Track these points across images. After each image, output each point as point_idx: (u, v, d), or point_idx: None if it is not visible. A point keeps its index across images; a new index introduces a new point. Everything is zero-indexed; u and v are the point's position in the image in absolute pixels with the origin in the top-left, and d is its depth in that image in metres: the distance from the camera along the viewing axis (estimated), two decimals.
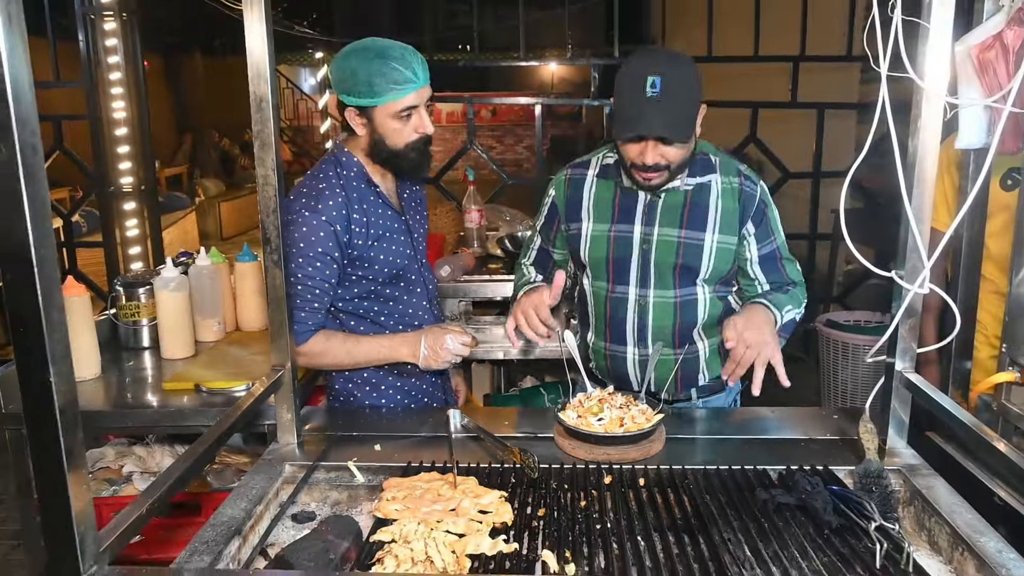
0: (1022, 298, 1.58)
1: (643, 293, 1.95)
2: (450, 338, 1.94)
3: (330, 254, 1.89)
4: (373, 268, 1.97)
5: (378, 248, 1.96)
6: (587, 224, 1.97)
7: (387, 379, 2.09)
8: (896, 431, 1.65)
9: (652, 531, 1.36)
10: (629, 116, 1.73)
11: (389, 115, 1.85)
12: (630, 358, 2.00)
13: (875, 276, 1.64)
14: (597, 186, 1.98)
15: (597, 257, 1.97)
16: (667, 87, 1.67)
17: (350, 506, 1.60)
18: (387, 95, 1.82)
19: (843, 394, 3.95)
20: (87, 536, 0.98)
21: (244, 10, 1.51)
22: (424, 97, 1.87)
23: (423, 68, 1.85)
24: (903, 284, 1.53)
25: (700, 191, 1.89)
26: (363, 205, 1.95)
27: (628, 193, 1.93)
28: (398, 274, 2.03)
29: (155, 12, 7.90)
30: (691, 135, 1.78)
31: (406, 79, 1.81)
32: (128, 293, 2.49)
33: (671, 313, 1.95)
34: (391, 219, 2.01)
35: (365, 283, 1.99)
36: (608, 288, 1.98)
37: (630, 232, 1.92)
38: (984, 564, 1.24)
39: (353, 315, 2.04)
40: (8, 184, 0.84)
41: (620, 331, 1.99)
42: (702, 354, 2.01)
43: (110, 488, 2.25)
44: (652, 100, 1.68)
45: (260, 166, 1.58)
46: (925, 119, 1.49)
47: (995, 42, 1.46)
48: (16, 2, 0.83)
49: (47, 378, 0.91)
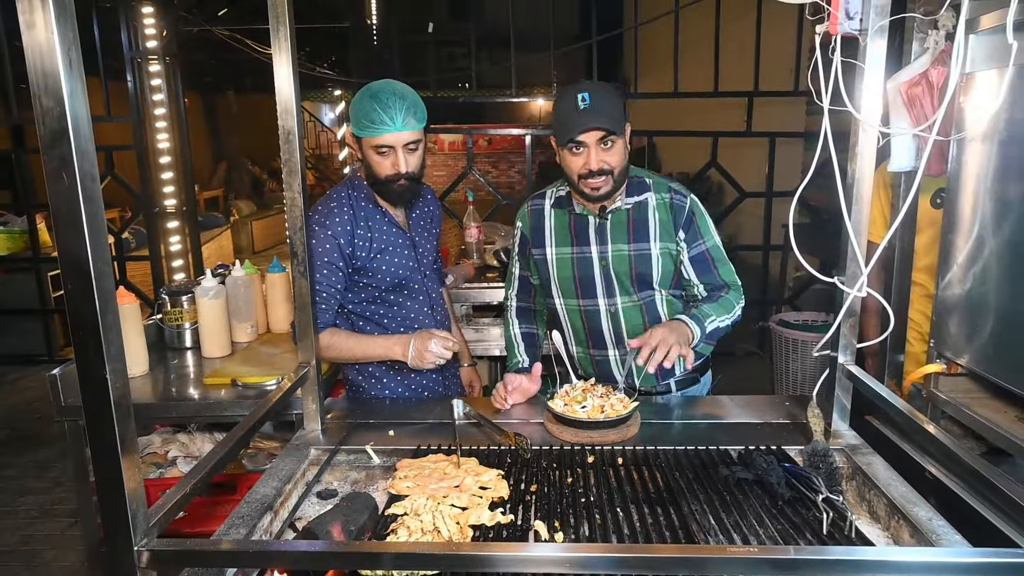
0: (948, 301, 1.59)
1: (611, 302, 1.96)
2: (434, 342, 1.90)
3: (335, 263, 1.92)
4: (376, 277, 1.99)
5: (380, 260, 1.99)
6: (551, 250, 1.99)
7: (388, 374, 2.11)
8: (839, 415, 1.65)
9: (629, 503, 1.36)
10: (568, 125, 1.79)
11: (370, 147, 1.88)
12: (612, 359, 2.01)
13: (820, 281, 1.65)
14: (555, 215, 2.00)
15: (565, 277, 1.98)
16: (594, 98, 1.76)
17: (368, 484, 1.60)
18: (366, 131, 1.85)
19: (794, 384, 3.96)
20: (138, 513, 0.97)
21: (273, 54, 1.52)
22: (400, 140, 1.85)
23: (406, 116, 1.83)
24: (844, 288, 1.54)
25: (639, 208, 1.92)
26: (368, 223, 1.98)
27: (580, 219, 1.95)
28: (400, 283, 2.04)
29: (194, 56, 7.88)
30: (622, 134, 1.82)
31: (382, 121, 1.82)
32: (173, 300, 2.48)
33: (639, 314, 1.96)
34: (396, 235, 2.02)
35: (370, 289, 2.02)
36: (579, 303, 1.99)
37: (588, 252, 1.94)
38: (917, 530, 1.25)
39: (361, 317, 2.06)
40: (71, 207, 0.84)
41: (599, 338, 2.00)
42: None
43: (157, 471, 2.23)
44: (583, 110, 1.76)
45: (288, 190, 1.58)
46: (862, 146, 1.51)
47: (922, 79, 1.47)
48: (76, 49, 0.84)
49: (103, 375, 0.91)
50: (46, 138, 0.83)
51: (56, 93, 0.82)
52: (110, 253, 0.93)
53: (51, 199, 0.85)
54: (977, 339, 1.50)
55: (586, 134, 1.77)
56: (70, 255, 0.86)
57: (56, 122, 0.83)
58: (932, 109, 1.46)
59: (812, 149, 1.46)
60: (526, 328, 2.13)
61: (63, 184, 0.84)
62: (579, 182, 1.84)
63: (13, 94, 5.24)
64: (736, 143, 5.39)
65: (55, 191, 0.84)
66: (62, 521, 3.37)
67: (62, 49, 0.81)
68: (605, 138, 1.78)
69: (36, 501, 3.57)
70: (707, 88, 5.07)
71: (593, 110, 1.76)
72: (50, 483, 3.76)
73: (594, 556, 1.00)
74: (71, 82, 0.83)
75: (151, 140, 5.07)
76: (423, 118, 1.89)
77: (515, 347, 2.10)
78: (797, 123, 5.71)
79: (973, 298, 1.51)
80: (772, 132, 5.10)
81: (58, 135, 0.83)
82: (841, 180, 1.50)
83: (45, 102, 0.82)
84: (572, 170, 1.84)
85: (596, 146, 1.78)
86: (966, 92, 1.47)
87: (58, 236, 0.86)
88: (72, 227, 0.85)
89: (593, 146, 1.78)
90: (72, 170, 0.84)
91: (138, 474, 0.98)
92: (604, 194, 1.85)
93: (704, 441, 1.63)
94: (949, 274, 1.58)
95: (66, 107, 0.82)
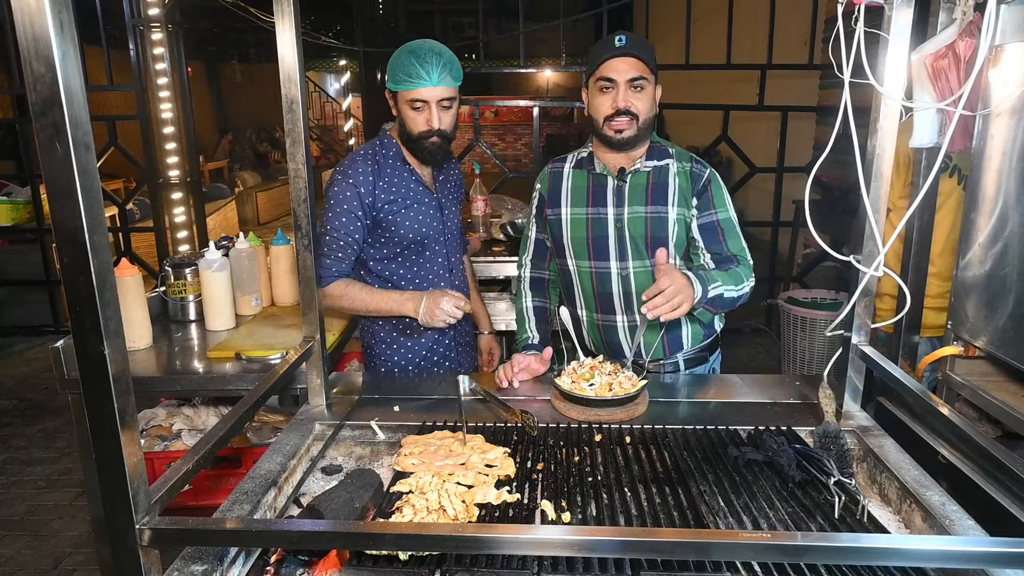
0: (966, 281, 1.55)
1: (623, 265, 1.92)
2: (446, 301, 1.93)
3: (354, 212, 1.97)
4: (399, 232, 2.02)
5: (404, 215, 2.02)
6: (566, 209, 1.97)
7: (400, 339, 2.14)
8: (851, 396, 1.63)
9: (637, 483, 1.35)
10: (601, 58, 1.80)
11: (405, 102, 1.91)
12: (620, 326, 1.98)
13: (830, 258, 1.62)
14: (574, 176, 1.98)
15: (578, 238, 1.95)
16: (631, 40, 1.78)
17: (372, 460, 1.58)
18: (402, 84, 1.89)
19: (801, 362, 3.94)
20: (139, 491, 0.96)
21: (276, 23, 1.47)
22: (435, 95, 1.89)
23: (442, 72, 1.87)
24: (861, 268, 1.51)
25: (659, 172, 1.90)
26: (392, 178, 2.01)
27: (599, 179, 1.93)
28: (422, 242, 2.07)
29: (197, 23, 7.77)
30: (653, 80, 1.83)
31: (418, 75, 1.86)
32: (176, 272, 2.46)
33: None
34: (421, 194, 2.06)
35: (392, 245, 2.04)
36: (590, 265, 1.96)
37: (604, 213, 1.92)
38: (929, 515, 1.23)
39: (379, 277, 2.09)
40: (64, 179, 0.81)
41: (608, 302, 1.97)
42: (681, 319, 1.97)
43: (162, 444, 2.23)
44: (619, 48, 1.78)
45: (292, 161, 1.54)
46: (883, 121, 1.46)
47: (948, 51, 1.42)
48: (67, 11, 0.80)
49: (101, 351, 0.88)
50: (37, 105, 0.80)
51: (47, 58, 0.78)
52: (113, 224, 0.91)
53: (44, 170, 0.82)
54: (996, 321, 1.47)
55: (620, 61, 1.77)
56: (65, 228, 0.83)
57: (47, 88, 0.79)
58: (958, 83, 1.40)
59: (825, 124, 1.43)
60: (538, 302, 2.10)
61: (56, 154, 0.81)
62: (603, 125, 1.84)
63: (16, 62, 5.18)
64: (747, 117, 5.31)
65: (48, 161, 0.81)
66: (69, 491, 3.40)
67: (52, 11, 0.77)
68: (636, 81, 1.79)
69: (43, 471, 3.60)
70: (719, 60, 4.97)
71: (628, 47, 1.77)
72: (57, 453, 3.78)
73: (600, 539, 0.98)
74: (63, 46, 0.79)
75: (154, 110, 5.01)
76: (459, 77, 1.93)
77: (526, 321, 2.07)
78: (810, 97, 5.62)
79: (993, 279, 1.47)
80: (785, 106, 5.01)
81: (50, 102, 0.79)
82: (860, 157, 1.46)
83: (35, 67, 0.79)
84: (599, 111, 1.84)
85: (626, 85, 1.79)
86: (994, 65, 1.41)
87: (52, 208, 0.83)
88: (66, 199, 0.82)
89: (623, 84, 1.79)
90: (65, 139, 0.80)
91: (138, 451, 0.96)
92: (627, 139, 1.83)
93: (713, 421, 1.61)
94: (969, 254, 1.54)
95: (58, 73, 0.79)
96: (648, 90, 1.82)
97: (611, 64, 1.79)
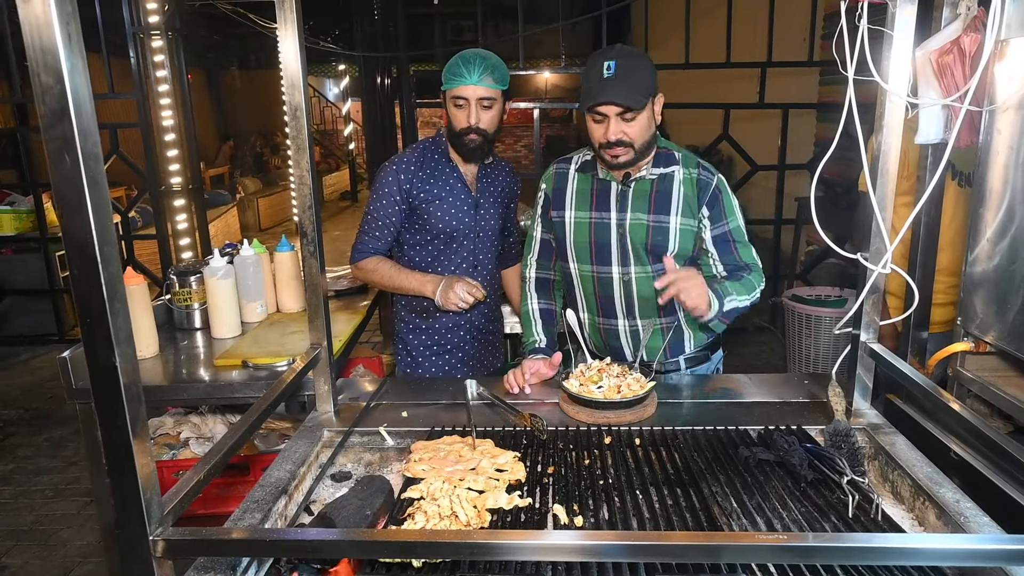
0: (975, 277, 1.54)
1: (625, 270, 1.92)
2: (460, 286, 2.10)
3: (393, 197, 2.15)
4: (430, 222, 2.17)
5: (437, 207, 2.16)
6: (570, 212, 1.96)
7: (416, 320, 2.30)
8: (861, 394, 1.62)
9: (649, 485, 1.34)
10: (590, 93, 1.77)
11: (450, 99, 2.08)
12: (622, 329, 1.98)
13: (833, 255, 1.62)
14: (578, 179, 1.97)
15: (581, 242, 1.95)
16: (620, 69, 1.73)
17: (382, 466, 1.58)
18: (448, 83, 2.06)
19: (807, 359, 3.92)
20: (152, 501, 0.95)
21: (279, 29, 1.47)
22: (476, 94, 2.03)
23: (483, 72, 2.02)
24: (868, 265, 1.50)
25: (664, 180, 1.88)
26: (434, 171, 2.18)
27: (603, 184, 1.92)
28: (451, 235, 2.20)
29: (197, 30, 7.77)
30: (644, 107, 1.76)
31: (460, 74, 2.02)
32: (181, 281, 2.46)
33: (652, 284, 1.92)
34: (459, 190, 2.19)
35: (424, 232, 2.20)
36: (592, 269, 1.96)
37: (608, 218, 1.91)
38: (944, 512, 1.22)
39: (409, 261, 2.25)
40: (74, 190, 0.81)
41: (610, 306, 1.97)
42: (682, 321, 1.98)
43: (169, 452, 2.23)
44: (607, 80, 1.73)
45: (296, 167, 1.54)
46: (888, 118, 1.46)
47: (953, 47, 1.41)
48: (75, 23, 0.80)
49: (112, 360, 0.88)
50: (46, 117, 0.79)
51: (55, 70, 0.78)
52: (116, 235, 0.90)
53: (53, 181, 0.81)
54: (1006, 316, 1.46)
55: (604, 107, 1.74)
56: (74, 239, 0.83)
57: (56, 100, 0.79)
58: (964, 78, 1.40)
59: (826, 120, 1.42)
60: (544, 304, 2.09)
61: (65, 165, 0.81)
62: (600, 150, 1.83)
63: (16, 71, 5.19)
64: (747, 115, 5.29)
65: (57, 172, 0.81)
66: (77, 500, 3.39)
67: (60, 23, 0.77)
68: (626, 114, 1.74)
69: (51, 481, 3.60)
70: (719, 59, 4.96)
71: (616, 80, 1.72)
72: (64, 462, 3.78)
73: (611, 544, 0.97)
74: (71, 58, 0.79)
75: (155, 117, 5.02)
76: (502, 81, 2.08)
77: (532, 324, 2.07)
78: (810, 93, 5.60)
79: (1002, 274, 1.47)
80: (785, 103, 5.00)
81: (59, 114, 0.79)
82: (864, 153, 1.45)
83: (44, 79, 0.78)
84: (594, 137, 1.83)
85: (615, 118, 1.75)
86: (1000, 59, 1.41)
87: (62, 219, 0.83)
88: (76, 210, 0.82)
89: (613, 117, 1.75)
90: (74, 150, 0.80)
91: (150, 460, 0.96)
92: (624, 163, 1.82)
93: (722, 421, 1.60)
94: (977, 249, 1.53)
95: (66, 84, 0.78)
96: (643, 115, 1.77)
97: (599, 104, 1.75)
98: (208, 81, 12.81)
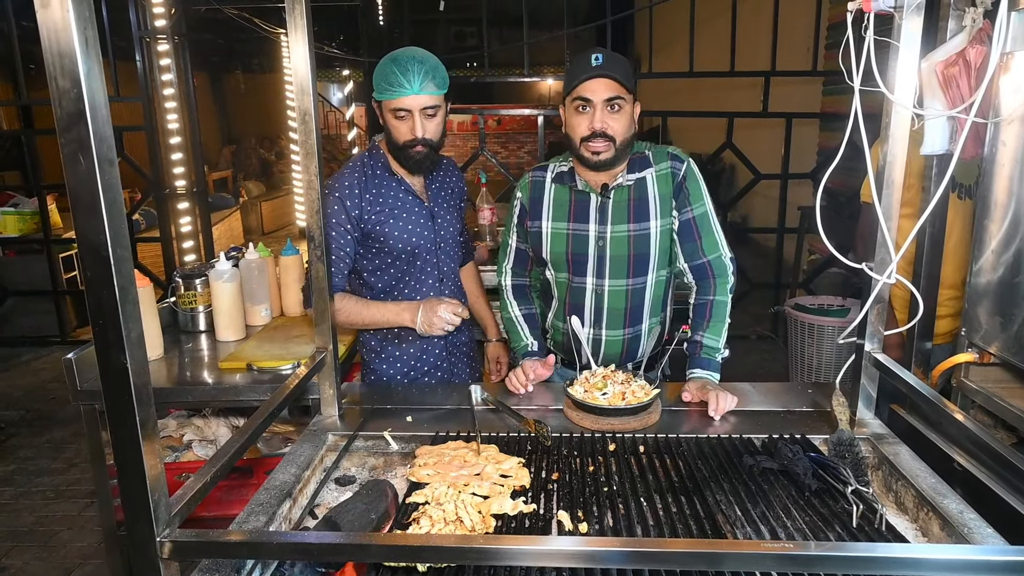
0: (979, 288, 1.55)
1: (599, 283, 1.93)
2: (443, 308, 1.94)
3: (342, 225, 1.93)
4: (388, 243, 1.99)
5: (392, 226, 1.98)
6: (547, 223, 1.96)
7: (387, 347, 2.10)
8: (865, 404, 1.63)
9: (653, 493, 1.34)
10: (579, 76, 1.77)
11: (389, 111, 1.88)
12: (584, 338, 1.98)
13: (836, 264, 1.62)
14: (555, 190, 1.96)
15: (557, 252, 1.95)
16: (608, 60, 1.76)
17: (386, 471, 1.58)
18: (385, 94, 1.85)
19: (809, 368, 3.92)
20: (160, 503, 0.96)
21: (288, 33, 1.48)
22: (418, 104, 1.84)
23: (424, 79, 1.83)
24: (873, 275, 1.51)
25: (640, 185, 1.88)
26: (380, 188, 1.98)
27: (581, 196, 1.92)
28: (413, 252, 2.03)
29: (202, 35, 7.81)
30: (630, 99, 1.80)
31: (399, 84, 1.82)
32: (186, 283, 2.46)
33: (623, 298, 1.94)
34: (411, 203, 2.02)
35: (383, 255, 2.01)
36: (568, 278, 1.97)
37: (586, 231, 1.91)
38: (947, 523, 1.22)
39: (371, 288, 2.07)
40: (89, 193, 0.82)
41: (579, 314, 1.97)
42: (643, 331, 1.98)
43: (172, 455, 2.24)
44: (597, 66, 1.75)
45: (304, 172, 1.55)
46: (894, 128, 1.46)
47: (958, 59, 1.42)
48: (92, 28, 0.81)
49: (123, 362, 0.89)
50: (62, 120, 0.80)
51: (72, 74, 0.79)
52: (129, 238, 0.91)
53: (68, 184, 0.82)
54: (1010, 327, 1.46)
55: (596, 83, 1.75)
56: (88, 241, 0.84)
57: (73, 104, 0.80)
58: (969, 90, 1.41)
59: (828, 130, 1.43)
60: (525, 309, 2.10)
61: (81, 168, 0.81)
62: (580, 146, 1.82)
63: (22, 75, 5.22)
64: (750, 124, 5.31)
65: (72, 175, 0.82)
66: (78, 502, 3.39)
67: (78, 28, 0.78)
68: (613, 101, 1.76)
69: (52, 482, 3.60)
70: (723, 68, 4.99)
71: (606, 67, 1.75)
72: (65, 464, 3.78)
73: (611, 550, 0.97)
74: (87, 62, 0.80)
75: (161, 120, 5.05)
76: (443, 84, 1.88)
77: (519, 330, 2.07)
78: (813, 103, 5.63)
79: (1006, 285, 1.47)
80: (788, 113, 5.02)
81: (75, 117, 0.80)
82: (872, 164, 1.46)
83: (61, 83, 0.79)
84: (576, 131, 1.82)
85: (603, 106, 1.77)
86: (1005, 72, 1.42)
87: (76, 222, 0.84)
88: (90, 213, 0.83)
89: (599, 105, 1.76)
90: (90, 153, 0.81)
91: (159, 462, 0.96)
92: (604, 161, 1.81)
93: (726, 429, 1.61)
94: (981, 260, 1.54)
95: (83, 88, 0.79)
96: (626, 109, 1.79)
97: (588, 84, 1.76)
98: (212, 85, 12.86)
